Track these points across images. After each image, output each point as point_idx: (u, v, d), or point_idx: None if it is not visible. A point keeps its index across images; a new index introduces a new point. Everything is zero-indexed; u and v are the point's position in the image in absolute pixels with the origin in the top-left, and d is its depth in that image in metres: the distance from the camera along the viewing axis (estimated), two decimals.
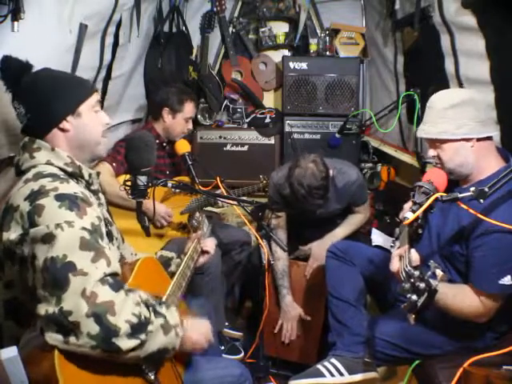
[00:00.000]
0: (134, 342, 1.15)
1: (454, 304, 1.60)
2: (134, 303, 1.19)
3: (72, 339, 1.10)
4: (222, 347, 2.47)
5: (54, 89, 1.39)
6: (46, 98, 1.37)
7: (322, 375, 1.91)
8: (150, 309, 1.24)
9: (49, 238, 1.17)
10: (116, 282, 1.20)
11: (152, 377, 1.33)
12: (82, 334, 1.10)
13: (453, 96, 1.71)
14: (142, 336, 1.17)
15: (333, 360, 1.94)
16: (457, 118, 1.66)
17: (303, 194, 2.20)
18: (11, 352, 1.11)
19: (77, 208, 1.23)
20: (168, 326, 1.26)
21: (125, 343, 1.14)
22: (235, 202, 2.24)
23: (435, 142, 1.72)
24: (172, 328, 1.27)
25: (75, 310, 1.10)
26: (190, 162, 2.51)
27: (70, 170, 1.38)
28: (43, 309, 1.13)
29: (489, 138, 1.70)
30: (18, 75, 1.37)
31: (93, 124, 1.45)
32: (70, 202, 1.23)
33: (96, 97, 1.47)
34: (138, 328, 1.17)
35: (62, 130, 1.40)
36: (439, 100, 1.72)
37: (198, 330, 1.44)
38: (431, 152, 1.75)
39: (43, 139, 1.39)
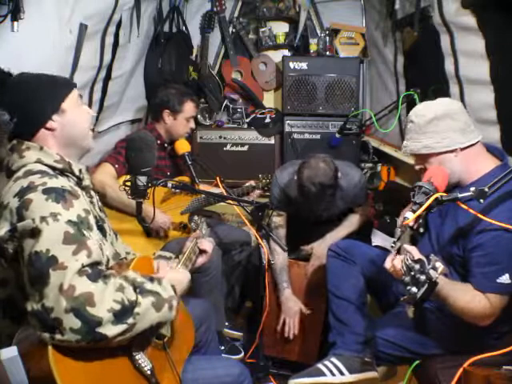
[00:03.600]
0: (120, 328, 1.16)
1: (464, 303, 1.58)
2: (114, 290, 1.18)
3: (58, 336, 1.11)
4: (222, 347, 2.46)
5: (35, 90, 1.40)
6: (28, 101, 1.38)
7: (322, 374, 1.91)
8: (137, 290, 1.23)
9: (34, 233, 1.18)
10: (95, 271, 1.19)
11: (149, 373, 1.33)
12: (65, 330, 1.11)
13: (430, 110, 1.75)
14: (130, 320, 1.18)
15: (333, 359, 1.93)
16: (437, 131, 1.71)
17: (315, 192, 2.21)
18: (11, 352, 1.11)
19: (63, 200, 1.24)
20: (160, 302, 1.26)
21: (110, 330, 1.14)
22: (235, 202, 2.24)
23: (420, 157, 1.77)
24: (165, 303, 1.27)
25: (55, 307, 1.11)
26: (189, 162, 2.52)
27: (60, 166, 1.38)
28: (29, 305, 1.14)
29: (473, 144, 1.71)
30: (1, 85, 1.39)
31: (78, 118, 1.45)
32: (57, 194, 1.24)
33: (76, 92, 1.47)
34: (123, 313, 1.17)
35: (49, 129, 1.40)
36: (417, 116, 1.76)
37: (178, 281, 1.44)
38: (417, 165, 1.80)
39: (31, 141, 1.39)
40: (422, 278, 1.27)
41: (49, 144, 1.40)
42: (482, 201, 1.47)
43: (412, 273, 1.29)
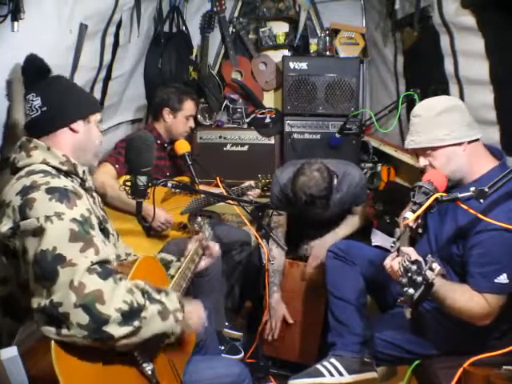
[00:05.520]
0: (126, 329, 1.16)
1: (462, 304, 1.59)
2: (125, 290, 1.20)
3: (64, 331, 1.12)
4: (222, 347, 2.46)
5: (74, 92, 1.51)
6: (66, 97, 1.46)
7: (321, 375, 1.91)
8: (146, 295, 1.25)
9: (39, 232, 1.19)
10: (105, 269, 1.20)
11: (150, 373, 1.33)
12: (72, 325, 1.11)
13: (438, 103, 1.75)
14: (136, 323, 1.18)
15: (332, 360, 1.93)
16: (447, 123, 1.69)
17: (306, 201, 2.23)
18: (11, 352, 1.12)
19: (67, 200, 1.25)
20: (166, 312, 1.27)
21: (116, 330, 1.15)
22: (235, 202, 2.24)
23: (426, 151, 1.74)
24: (170, 313, 1.29)
25: (64, 302, 1.12)
26: (189, 162, 2.52)
27: (65, 168, 1.40)
28: (36, 302, 1.15)
29: (477, 139, 1.72)
30: (39, 75, 1.44)
31: (95, 136, 1.54)
32: (60, 194, 1.25)
33: (100, 115, 1.58)
34: (130, 315, 1.17)
35: (73, 130, 1.45)
36: (425, 109, 1.76)
37: (192, 312, 1.46)
38: (422, 161, 1.77)
39: (47, 136, 1.42)
40: (419, 279, 1.27)
41: (64, 144, 1.43)
42: (482, 201, 1.47)
43: (409, 274, 1.30)
